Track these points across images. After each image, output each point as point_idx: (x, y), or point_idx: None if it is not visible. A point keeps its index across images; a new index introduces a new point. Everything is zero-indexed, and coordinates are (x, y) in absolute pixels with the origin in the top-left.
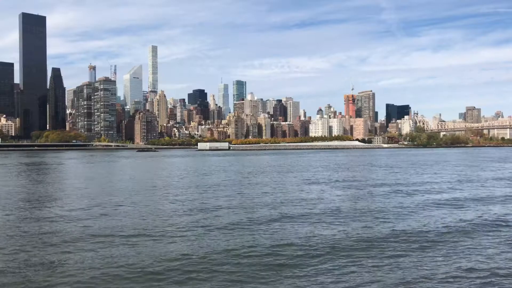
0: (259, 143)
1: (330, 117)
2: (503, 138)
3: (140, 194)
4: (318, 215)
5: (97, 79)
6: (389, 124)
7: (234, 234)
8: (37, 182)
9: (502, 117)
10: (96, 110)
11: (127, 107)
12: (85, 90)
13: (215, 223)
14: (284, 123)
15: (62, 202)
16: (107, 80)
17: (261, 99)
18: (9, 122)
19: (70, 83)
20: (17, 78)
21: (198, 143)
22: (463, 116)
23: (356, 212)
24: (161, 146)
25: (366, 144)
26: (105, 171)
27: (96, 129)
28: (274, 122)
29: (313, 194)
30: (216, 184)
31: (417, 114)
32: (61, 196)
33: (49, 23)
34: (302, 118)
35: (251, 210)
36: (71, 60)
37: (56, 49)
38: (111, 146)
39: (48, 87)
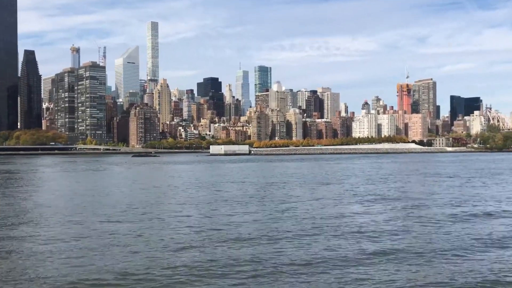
0: (288, 146)
1: (378, 113)
2: None
3: (127, 219)
4: (353, 241)
5: (81, 64)
6: (454, 122)
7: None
8: None
9: None
10: (80, 104)
11: (120, 100)
12: (66, 79)
13: (231, 255)
14: (319, 120)
15: (22, 230)
16: (94, 66)
17: (291, 90)
18: None
19: (47, 70)
20: None
21: (210, 146)
22: None
23: (398, 241)
24: (163, 150)
25: (425, 147)
26: (87, 182)
27: (80, 128)
28: (307, 119)
29: (349, 214)
30: (230, 200)
31: (490, 108)
32: (22, 220)
33: None
34: (343, 114)
35: (271, 239)
36: (49, 40)
37: (29, 26)
38: (100, 149)
39: (19, 74)
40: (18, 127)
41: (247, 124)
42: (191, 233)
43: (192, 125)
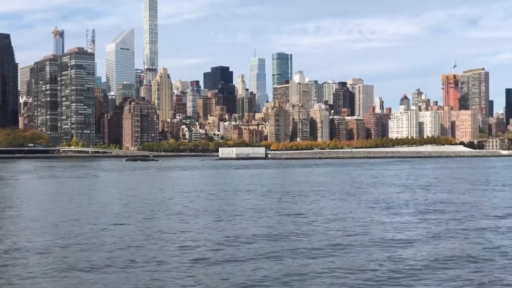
0: (312, 149)
1: (420, 109)
2: None
3: (112, 243)
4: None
5: (66, 50)
6: (510, 120)
7: None
8: None
9: None
10: (64, 98)
11: (112, 93)
12: (47, 68)
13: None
14: (350, 117)
15: None
16: (81, 53)
17: (315, 82)
18: None
19: (25, 57)
20: None
21: (220, 148)
22: None
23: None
24: (162, 153)
25: (476, 150)
26: (66, 194)
27: (64, 127)
28: (335, 117)
29: (383, 230)
30: (238, 215)
31: None
32: None
33: None
34: (378, 110)
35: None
36: (28, 22)
37: (4, 6)
38: (87, 152)
39: None
40: None
41: (263, 122)
42: (187, 260)
43: (197, 123)
